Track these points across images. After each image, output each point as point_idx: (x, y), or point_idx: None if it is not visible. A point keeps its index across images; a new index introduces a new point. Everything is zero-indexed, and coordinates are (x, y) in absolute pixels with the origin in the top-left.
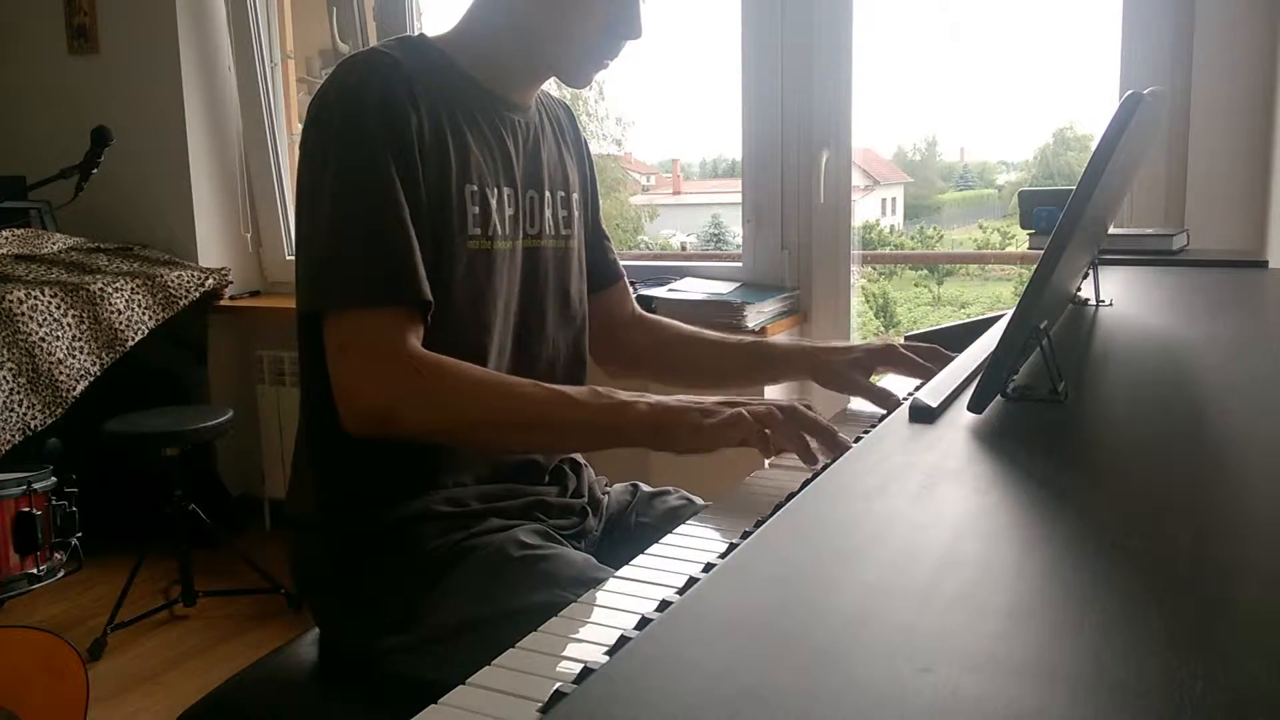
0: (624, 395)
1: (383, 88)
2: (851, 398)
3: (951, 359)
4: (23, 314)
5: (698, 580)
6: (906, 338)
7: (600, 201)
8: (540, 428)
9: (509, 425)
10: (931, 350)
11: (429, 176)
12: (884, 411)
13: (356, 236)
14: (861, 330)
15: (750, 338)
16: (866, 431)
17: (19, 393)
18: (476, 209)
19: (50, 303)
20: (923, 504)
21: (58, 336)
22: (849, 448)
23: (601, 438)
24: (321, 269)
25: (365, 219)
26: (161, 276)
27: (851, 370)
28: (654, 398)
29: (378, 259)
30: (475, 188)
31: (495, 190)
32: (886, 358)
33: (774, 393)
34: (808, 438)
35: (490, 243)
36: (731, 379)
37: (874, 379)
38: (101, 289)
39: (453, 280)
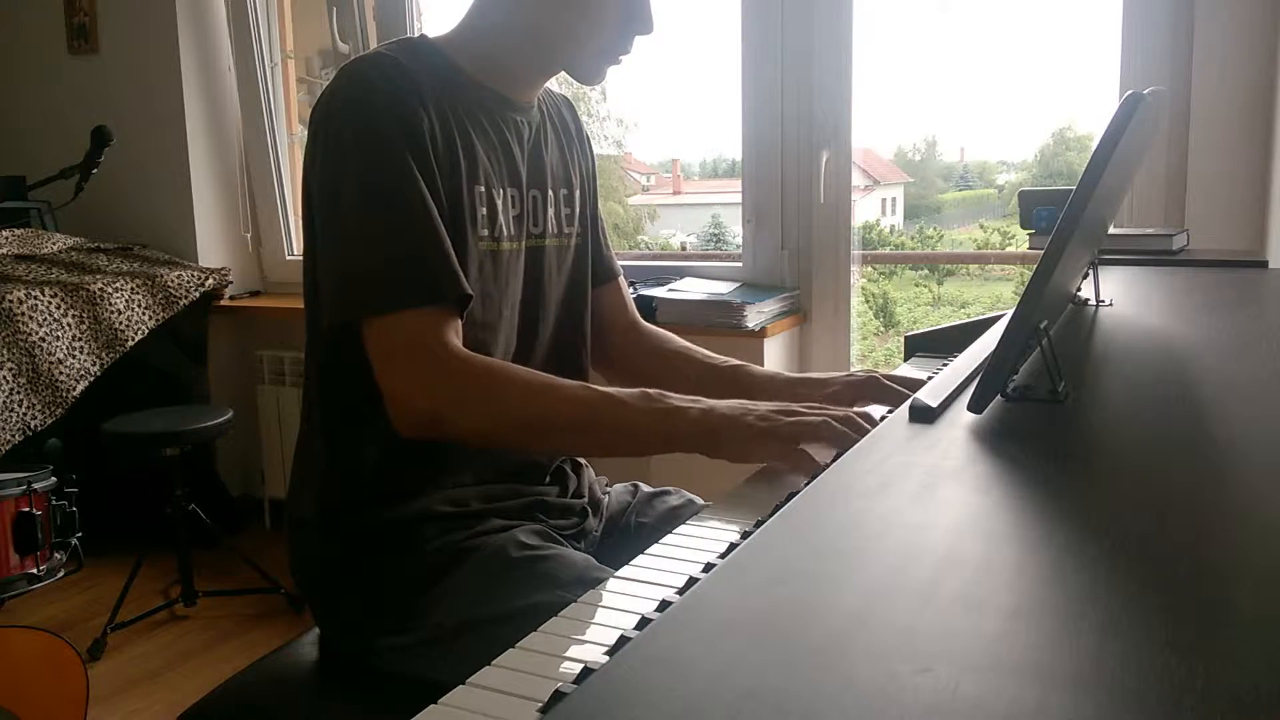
0: (676, 400)
1: (392, 91)
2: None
3: None
4: (23, 314)
5: (698, 580)
6: (906, 338)
7: (599, 199)
8: (589, 430)
9: (558, 428)
10: (917, 384)
11: (443, 178)
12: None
13: (387, 240)
14: (862, 329)
15: (735, 361)
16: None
17: (19, 393)
18: (484, 210)
19: (50, 303)
20: (923, 504)
21: (58, 336)
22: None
23: (652, 442)
24: (353, 277)
25: (393, 222)
26: (161, 276)
27: (826, 404)
28: (707, 402)
29: (411, 260)
30: (482, 189)
31: (501, 191)
32: (867, 391)
33: None
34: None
35: (497, 244)
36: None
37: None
38: (101, 289)
39: (467, 281)
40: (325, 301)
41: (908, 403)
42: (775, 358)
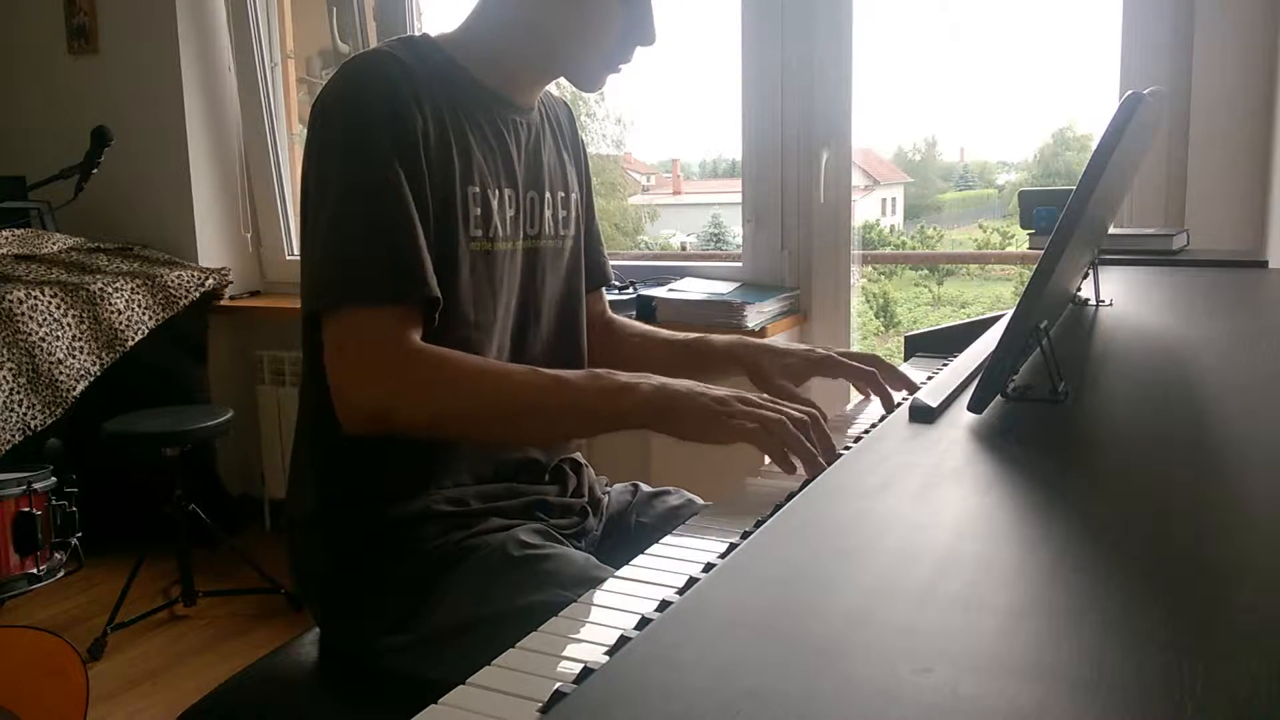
0: (624, 377)
1: (388, 90)
2: (852, 400)
3: (891, 367)
4: (23, 314)
5: (698, 580)
6: (906, 338)
7: (595, 203)
8: (536, 413)
9: (503, 414)
10: (871, 358)
11: (433, 178)
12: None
13: (357, 236)
14: (862, 329)
15: (695, 335)
16: (866, 432)
17: (19, 393)
18: (478, 210)
19: (50, 303)
20: (923, 504)
21: (58, 336)
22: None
23: (600, 422)
24: (322, 269)
25: (366, 218)
26: (161, 276)
27: (781, 376)
28: (658, 379)
29: (377, 258)
30: (477, 189)
31: (496, 191)
32: (825, 367)
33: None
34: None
35: (491, 244)
36: (673, 375)
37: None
38: (101, 289)
39: (457, 282)
40: (302, 293)
41: (908, 403)
42: None
